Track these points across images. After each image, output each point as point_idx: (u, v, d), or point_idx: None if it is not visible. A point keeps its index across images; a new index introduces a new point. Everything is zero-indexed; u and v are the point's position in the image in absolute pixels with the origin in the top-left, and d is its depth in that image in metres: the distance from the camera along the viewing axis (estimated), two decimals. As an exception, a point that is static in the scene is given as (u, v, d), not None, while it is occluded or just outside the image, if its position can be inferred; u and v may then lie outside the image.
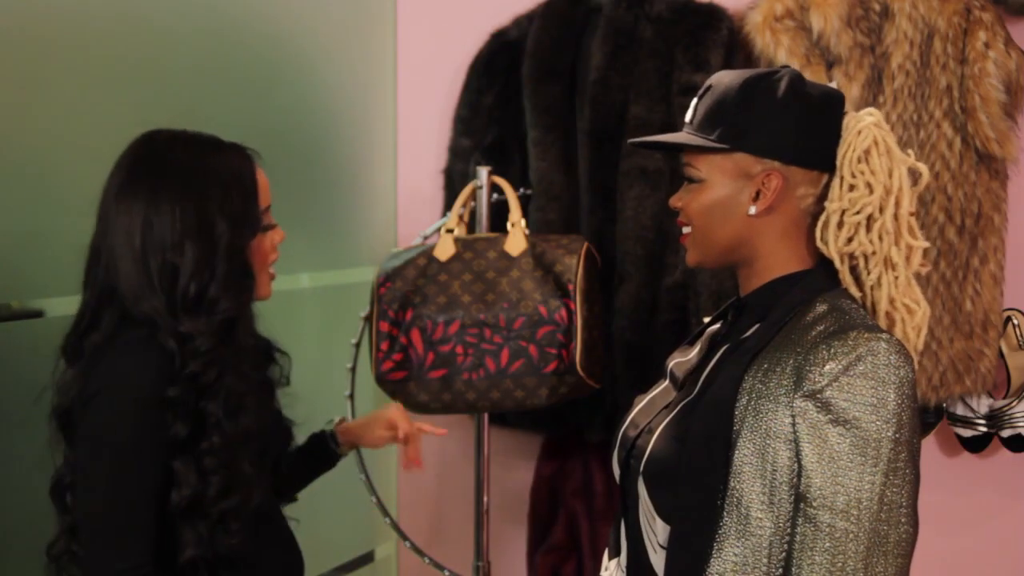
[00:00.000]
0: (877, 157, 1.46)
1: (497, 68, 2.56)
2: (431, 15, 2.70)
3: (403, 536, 2.53)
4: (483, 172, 2.39)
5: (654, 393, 1.62)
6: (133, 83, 2.06)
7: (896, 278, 1.48)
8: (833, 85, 2.43)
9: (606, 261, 2.38)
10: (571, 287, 2.18)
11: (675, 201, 1.55)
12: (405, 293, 2.24)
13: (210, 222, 1.60)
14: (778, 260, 1.50)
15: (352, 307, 2.54)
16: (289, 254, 1.75)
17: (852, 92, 2.39)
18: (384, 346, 2.23)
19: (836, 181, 1.47)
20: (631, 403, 1.67)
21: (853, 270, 1.50)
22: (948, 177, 2.40)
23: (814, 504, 1.34)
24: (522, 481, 2.71)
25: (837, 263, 1.48)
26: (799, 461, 1.36)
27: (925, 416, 2.54)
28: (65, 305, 1.93)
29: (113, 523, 1.56)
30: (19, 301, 1.92)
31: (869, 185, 1.46)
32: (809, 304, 1.45)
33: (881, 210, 1.47)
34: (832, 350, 1.37)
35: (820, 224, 1.48)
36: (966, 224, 2.40)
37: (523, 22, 2.57)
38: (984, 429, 2.52)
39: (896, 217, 1.47)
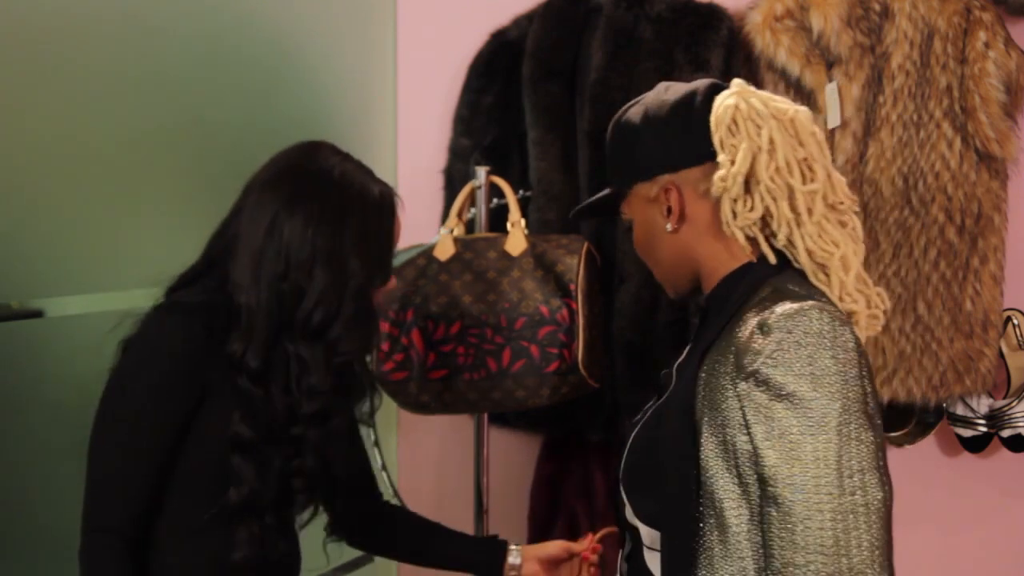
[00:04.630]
0: (742, 123, 1.45)
1: (497, 68, 2.56)
2: (431, 15, 2.70)
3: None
4: (481, 172, 2.39)
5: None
6: (133, 83, 2.06)
7: (803, 229, 1.44)
8: (832, 85, 2.43)
9: (606, 261, 2.38)
10: (573, 287, 2.18)
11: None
12: (405, 293, 2.23)
13: (343, 256, 1.58)
14: (721, 259, 1.50)
15: (352, 307, 2.54)
16: (290, 254, 1.74)
17: (852, 92, 2.39)
18: (385, 347, 2.23)
19: (720, 163, 1.47)
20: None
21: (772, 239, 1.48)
22: (948, 177, 2.40)
23: (773, 483, 1.32)
24: (522, 481, 2.71)
25: (741, 240, 1.47)
26: (752, 443, 1.34)
27: (925, 416, 2.54)
28: (65, 305, 1.93)
29: (100, 475, 1.56)
30: (19, 301, 1.92)
31: (733, 156, 1.45)
32: (756, 291, 1.45)
33: (756, 170, 1.44)
34: (764, 327, 1.36)
35: (721, 211, 1.48)
36: (966, 224, 2.40)
37: (523, 22, 2.57)
38: (984, 429, 2.52)
39: (777, 171, 1.44)
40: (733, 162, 1.44)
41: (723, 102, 1.48)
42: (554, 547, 1.92)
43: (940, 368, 2.42)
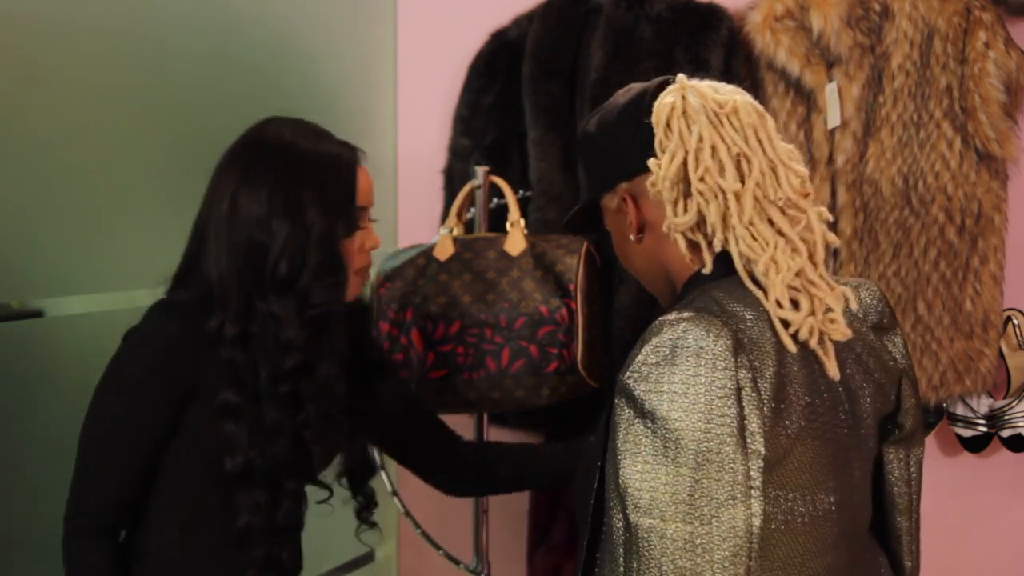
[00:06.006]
0: (675, 122, 1.38)
1: (497, 68, 2.56)
2: (431, 15, 2.70)
3: (416, 524, 2.51)
4: (480, 172, 2.39)
5: None
6: (133, 83, 2.06)
7: (736, 232, 1.34)
8: (832, 85, 2.44)
9: (605, 261, 2.38)
10: (572, 287, 2.18)
11: None
12: (404, 293, 2.23)
13: (300, 207, 1.59)
14: (682, 264, 1.42)
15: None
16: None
17: (852, 92, 2.40)
18: (384, 346, 2.23)
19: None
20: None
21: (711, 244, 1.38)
22: (948, 177, 2.40)
23: (625, 501, 1.25)
24: (522, 481, 2.71)
25: (681, 245, 1.38)
26: (616, 458, 1.27)
27: (925, 416, 2.54)
28: (65, 305, 1.93)
29: (83, 462, 1.60)
30: (19, 301, 1.92)
31: (660, 161, 1.38)
32: (689, 296, 1.37)
33: (686, 173, 1.36)
34: (643, 341, 1.29)
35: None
36: (966, 224, 2.40)
37: (523, 22, 2.57)
38: (984, 429, 2.52)
39: (707, 171, 1.35)
40: (659, 165, 1.38)
41: (661, 103, 1.41)
42: None
43: (940, 368, 2.42)
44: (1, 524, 1.86)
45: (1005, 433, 2.51)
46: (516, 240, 2.24)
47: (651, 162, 1.39)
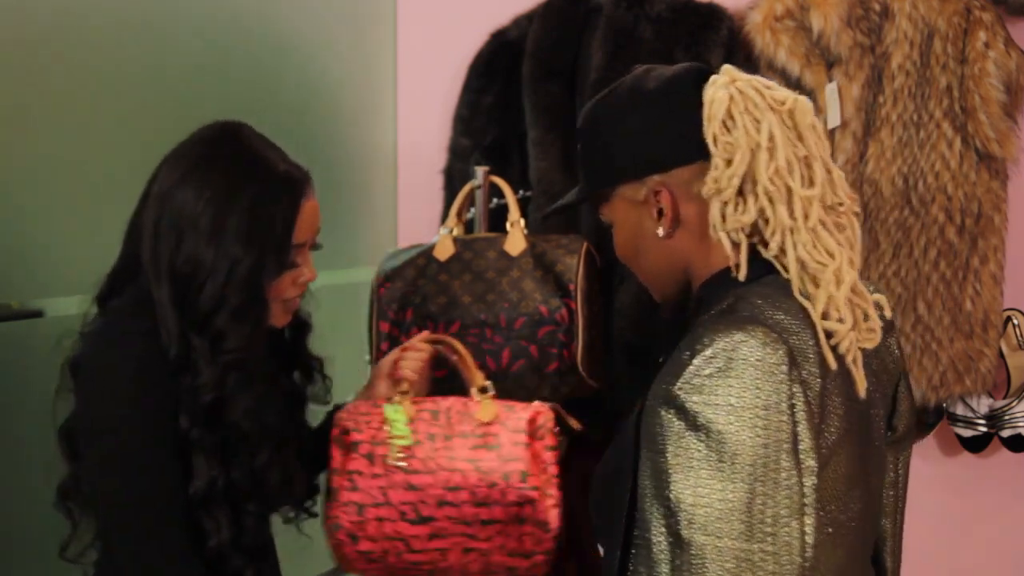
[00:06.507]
0: (739, 117, 1.30)
1: (497, 68, 2.56)
2: (431, 15, 2.70)
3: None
4: (480, 172, 2.39)
5: None
6: (132, 83, 2.06)
7: (796, 236, 1.29)
8: (832, 85, 2.44)
9: (606, 261, 2.38)
10: (572, 287, 2.18)
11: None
12: (404, 293, 2.23)
13: (226, 238, 1.49)
14: (709, 261, 1.37)
15: (352, 307, 2.54)
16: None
17: (852, 92, 2.40)
18: (384, 347, 2.22)
19: (713, 162, 1.31)
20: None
21: (760, 246, 1.33)
22: (948, 177, 2.40)
23: (676, 516, 1.19)
24: (522, 481, 2.71)
25: (727, 245, 1.31)
26: (667, 473, 1.21)
27: (925, 416, 2.54)
28: (65, 305, 1.93)
29: (132, 531, 1.49)
30: (19, 301, 1.92)
31: (729, 155, 1.29)
32: (721, 301, 1.31)
33: (753, 170, 1.29)
34: (692, 349, 1.23)
35: (710, 213, 1.32)
36: (966, 224, 2.41)
37: (523, 22, 2.57)
38: (984, 429, 2.53)
39: (777, 172, 1.28)
40: (729, 162, 1.29)
41: (716, 94, 1.32)
42: (385, 362, 1.91)
43: (940, 368, 2.42)
44: (1, 524, 1.86)
45: (1005, 433, 2.51)
46: (516, 240, 2.24)
47: (718, 157, 1.30)
